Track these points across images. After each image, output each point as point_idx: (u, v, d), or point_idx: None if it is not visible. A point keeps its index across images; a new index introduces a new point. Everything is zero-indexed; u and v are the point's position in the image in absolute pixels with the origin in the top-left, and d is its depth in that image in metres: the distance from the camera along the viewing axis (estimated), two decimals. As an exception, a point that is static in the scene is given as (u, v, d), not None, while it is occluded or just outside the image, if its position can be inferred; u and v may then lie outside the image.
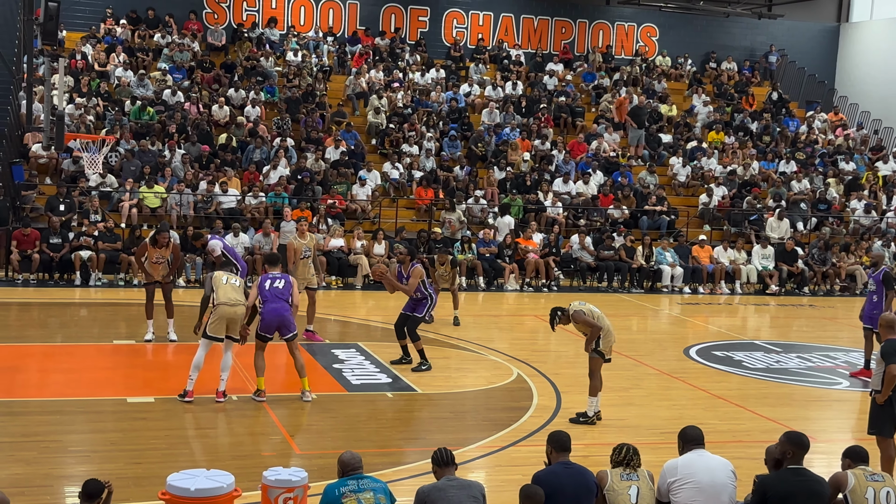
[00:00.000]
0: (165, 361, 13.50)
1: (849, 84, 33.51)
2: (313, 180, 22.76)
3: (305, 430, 10.63)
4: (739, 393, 12.93)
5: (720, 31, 32.92)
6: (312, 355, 13.85)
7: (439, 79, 28.61)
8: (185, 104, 24.80)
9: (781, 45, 33.20)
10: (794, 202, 25.68)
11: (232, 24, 28.90)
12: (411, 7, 30.64)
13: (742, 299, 22.14)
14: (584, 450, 9.46)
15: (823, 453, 10.34)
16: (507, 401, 12.13)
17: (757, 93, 31.55)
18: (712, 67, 32.33)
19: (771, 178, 26.67)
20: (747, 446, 10.15)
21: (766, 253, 23.00)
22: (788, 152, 28.05)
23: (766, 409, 12.11)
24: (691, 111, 29.56)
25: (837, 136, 29.93)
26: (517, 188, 24.19)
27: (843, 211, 25.94)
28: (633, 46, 32.41)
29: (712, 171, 26.52)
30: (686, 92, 30.95)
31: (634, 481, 6.49)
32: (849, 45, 33.93)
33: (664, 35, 32.58)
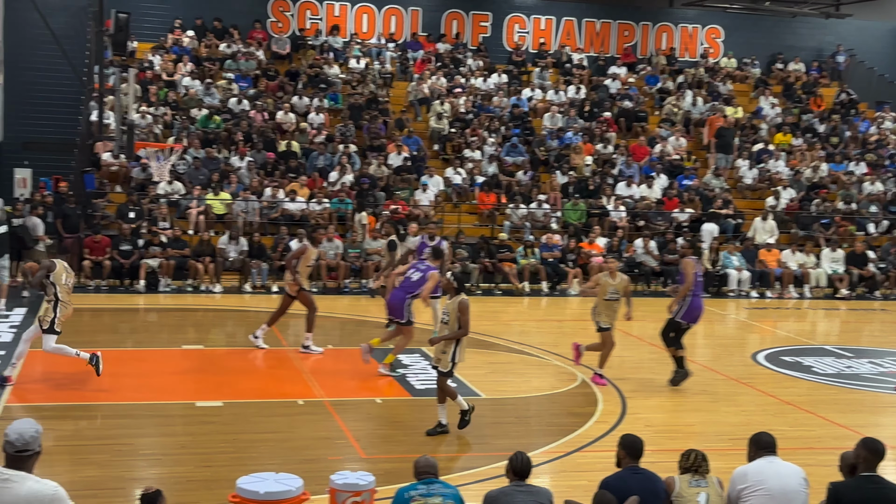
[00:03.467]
0: (233, 366, 13.67)
1: (920, 83, 32.74)
2: (376, 186, 22.90)
3: (370, 434, 10.69)
4: (809, 399, 12.70)
5: (787, 31, 32.40)
6: (377, 360, 13.92)
7: (501, 84, 28.60)
8: (251, 112, 25.13)
9: (850, 44, 32.56)
10: (865, 204, 25.16)
11: (296, 32, 29.21)
12: (473, 12, 30.67)
13: (811, 303, 21.75)
14: (652, 455, 9.34)
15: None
16: (571, 406, 12.08)
17: (825, 94, 30.99)
18: (779, 68, 31.83)
19: (840, 180, 26.17)
20: (818, 453, 9.97)
21: (836, 256, 22.56)
22: (858, 154, 27.50)
23: (838, 415, 11.88)
24: (758, 113, 29.13)
25: (909, 137, 29.26)
26: (580, 192, 24.07)
27: (915, 213, 25.34)
28: (697, 48, 32.06)
29: (780, 174, 26.10)
30: (752, 94, 30.51)
31: (703, 488, 6.40)
32: (920, 44, 33.15)
33: (729, 36, 32.16)
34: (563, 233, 22.47)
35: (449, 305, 10.37)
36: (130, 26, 17.77)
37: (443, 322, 10.40)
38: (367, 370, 13.51)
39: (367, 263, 20.55)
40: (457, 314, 10.21)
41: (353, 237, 21.05)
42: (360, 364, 13.77)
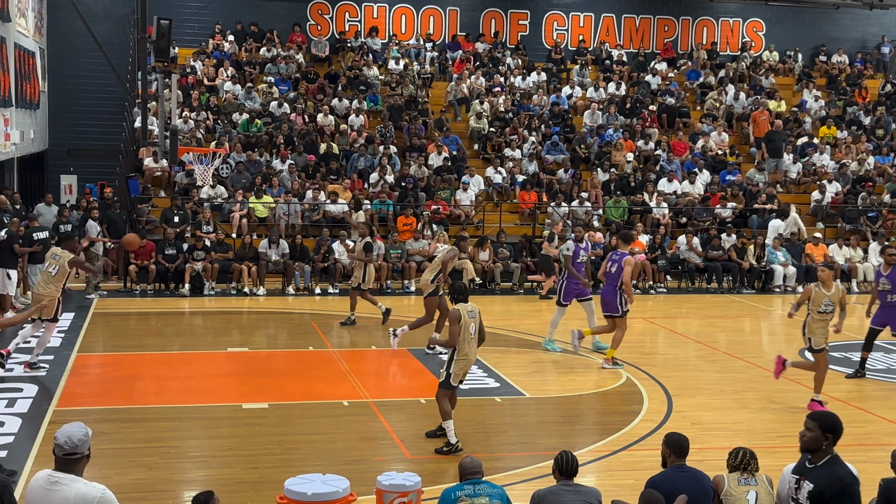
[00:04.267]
0: (278, 368, 13.76)
1: (968, 73, 32.17)
2: (417, 186, 22.94)
3: (415, 435, 10.69)
4: (859, 395, 12.52)
5: (829, 23, 31.98)
6: (421, 361, 13.95)
7: (540, 82, 28.52)
8: (291, 115, 25.29)
9: (894, 35, 32.06)
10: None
11: (335, 34, 29.36)
12: (511, 11, 30.63)
13: (859, 298, 21.40)
14: (699, 454, 9.27)
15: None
16: (616, 405, 12.01)
17: (870, 85, 30.53)
18: (822, 61, 31.42)
19: (886, 172, 25.78)
20: (869, 450, 9.82)
21: (874, 248, 22.20)
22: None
23: (888, 411, 11.70)
24: (802, 106, 28.78)
25: (957, 128, 28.76)
26: (621, 189, 23.94)
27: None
28: (738, 42, 31.74)
29: (825, 167, 25.77)
30: (795, 87, 30.15)
31: (752, 486, 6.33)
32: (967, 33, 32.57)
33: (771, 29, 31.82)
34: (605, 231, 22.36)
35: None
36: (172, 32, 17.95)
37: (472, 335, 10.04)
38: (412, 369, 13.56)
39: (409, 264, 20.59)
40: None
41: (394, 238, 21.09)
42: (405, 364, 13.83)
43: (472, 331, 9.96)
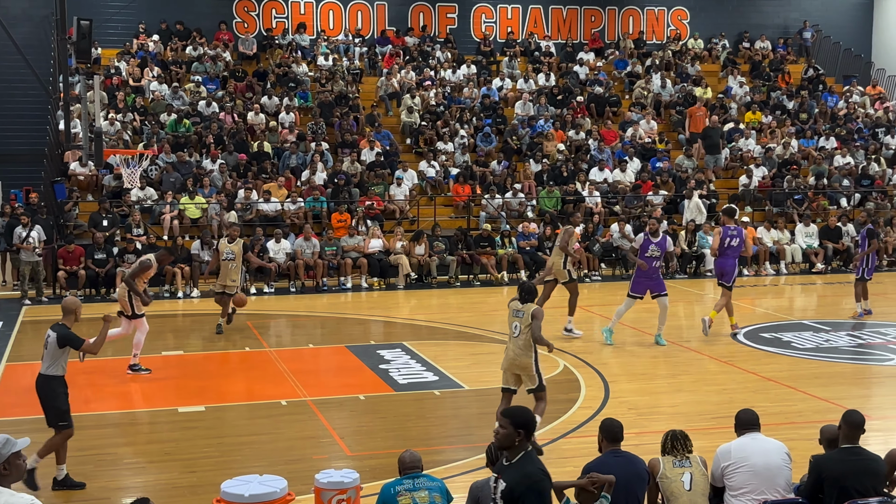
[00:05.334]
0: (214, 370, 13.62)
1: (886, 56, 32.97)
2: (350, 183, 22.86)
3: (355, 431, 10.67)
4: (790, 374, 12.79)
5: (752, 10, 32.55)
6: (357, 356, 13.92)
7: (471, 74, 28.59)
8: (221, 114, 25.00)
9: (815, 20, 32.75)
10: (837, 178, 25.34)
11: (262, 31, 29.08)
12: (439, 4, 30.62)
13: (788, 279, 21.90)
14: (636, 438, 9.40)
15: (879, 430, 10.22)
16: (554, 393, 12.04)
17: (793, 70, 31.16)
18: (746, 47, 31.98)
19: (811, 155, 26.34)
20: (800, 427, 10.05)
21: (810, 231, 22.73)
22: (828, 129, 27.69)
23: (818, 389, 11.97)
24: (727, 92, 29.26)
25: (877, 110, 29.49)
26: (554, 179, 24.11)
27: (886, 185, 25.54)
28: (664, 31, 32.16)
29: (751, 152, 26.24)
30: (720, 73, 30.64)
31: (687, 468, 6.44)
32: (884, 17, 33.38)
33: (695, 17, 32.27)
34: (538, 221, 22.51)
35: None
36: (94, 33, 17.60)
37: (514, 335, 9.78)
38: (350, 366, 13.51)
39: (345, 261, 20.50)
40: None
41: (329, 235, 20.99)
42: (343, 362, 13.79)
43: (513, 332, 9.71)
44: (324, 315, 17.77)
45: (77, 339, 8.76)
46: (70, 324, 8.88)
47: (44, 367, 8.83)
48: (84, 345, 8.84)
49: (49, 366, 8.79)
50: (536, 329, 9.45)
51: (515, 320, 9.64)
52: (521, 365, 9.67)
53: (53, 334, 8.78)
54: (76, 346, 8.77)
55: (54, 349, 8.75)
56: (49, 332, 8.88)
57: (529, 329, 9.48)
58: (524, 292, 9.71)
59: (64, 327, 8.83)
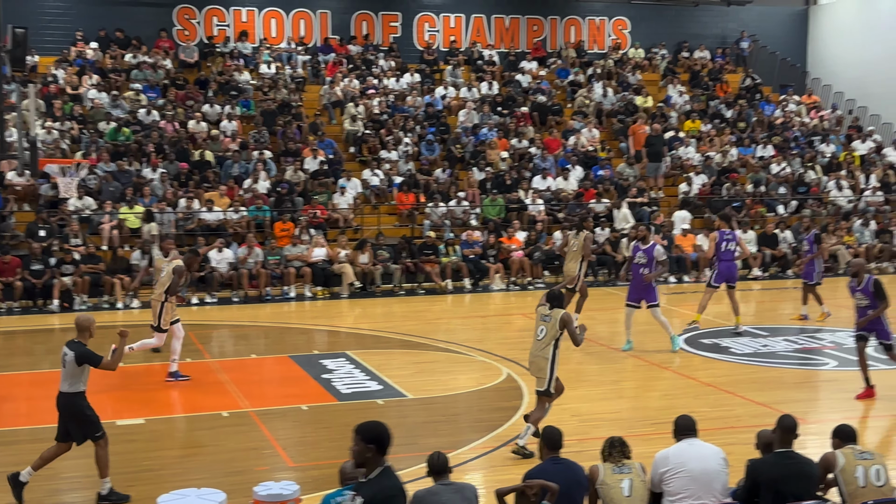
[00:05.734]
0: (155, 381, 13.43)
1: (821, 66, 33.71)
2: (293, 191, 22.73)
3: (298, 442, 10.61)
4: (728, 379, 12.97)
5: (691, 20, 33.04)
6: (301, 366, 13.84)
7: (414, 83, 28.63)
8: (161, 122, 24.73)
9: (752, 30, 33.35)
10: (774, 186, 25.80)
11: (203, 39, 28.84)
12: (382, 13, 30.63)
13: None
14: (578, 445, 9.47)
15: (815, 434, 10.40)
16: (498, 401, 12.15)
17: (731, 79, 31.68)
18: (685, 57, 32.45)
19: (749, 163, 26.78)
20: (738, 432, 10.20)
21: (748, 238, 23.07)
22: (765, 137, 28.18)
23: (756, 393, 12.16)
24: (667, 101, 29.65)
25: (812, 119, 30.10)
26: (497, 188, 24.22)
27: (821, 193, 26.06)
28: (605, 40, 32.50)
29: (691, 160, 26.61)
30: (660, 83, 31.05)
31: (626, 474, 6.50)
32: (818, 27, 34.13)
33: (636, 27, 32.67)
34: (482, 229, 22.60)
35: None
36: (31, 41, 17.32)
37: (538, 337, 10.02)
38: (293, 376, 13.42)
39: (288, 270, 20.38)
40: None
41: (272, 244, 20.86)
42: (286, 372, 13.71)
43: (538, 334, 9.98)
44: (267, 325, 17.65)
45: (95, 356, 8.64)
46: (85, 340, 8.75)
47: (65, 386, 8.72)
48: (102, 363, 8.72)
49: (70, 384, 8.68)
50: (573, 334, 9.84)
51: (542, 324, 9.92)
52: (539, 366, 9.96)
53: (71, 353, 8.66)
54: (95, 363, 8.67)
55: (73, 367, 8.64)
56: (65, 349, 8.74)
57: (554, 334, 9.81)
58: (552, 299, 10.00)
59: (80, 345, 8.70)
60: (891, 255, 23.68)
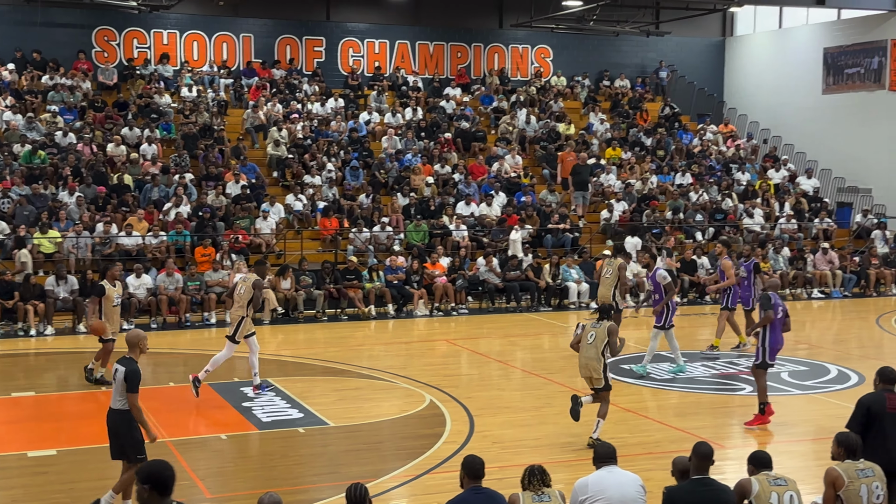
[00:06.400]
0: (68, 411, 13.10)
1: (737, 96, 34.59)
2: (215, 216, 22.46)
3: (216, 472, 10.42)
4: (648, 405, 13.13)
5: (611, 49, 33.64)
6: (220, 395, 13.61)
7: (338, 108, 28.59)
8: (78, 145, 24.25)
9: (671, 60, 34.09)
10: (692, 213, 26.30)
11: (123, 61, 28.42)
12: (306, 38, 30.58)
13: (647, 311, 22.47)
14: (500, 472, 9.48)
15: (733, 459, 10.58)
16: (420, 428, 12.10)
17: (650, 108, 32.30)
18: (606, 85, 33.01)
19: (668, 190, 27.28)
20: (657, 457, 10.31)
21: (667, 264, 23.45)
22: (683, 165, 28.76)
23: (675, 419, 12.33)
24: (589, 129, 30.09)
25: (729, 147, 30.81)
26: (421, 213, 24.27)
27: (738, 220, 26.65)
28: (528, 68, 32.90)
29: (612, 187, 27.01)
30: (582, 110, 31.51)
31: (546, 502, 6.51)
32: (735, 59, 35.04)
33: (558, 56, 33.15)
34: (406, 254, 22.59)
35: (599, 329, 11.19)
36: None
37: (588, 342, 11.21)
38: (213, 405, 13.19)
39: (209, 296, 20.09)
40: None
41: (192, 270, 20.54)
42: (205, 400, 13.46)
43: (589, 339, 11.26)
44: (186, 352, 17.35)
45: (134, 384, 8.53)
46: (136, 357, 8.72)
47: (116, 403, 8.70)
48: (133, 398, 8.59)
49: (121, 402, 8.63)
50: (614, 345, 11.16)
51: (593, 331, 11.23)
52: (592, 367, 11.22)
53: (122, 370, 8.61)
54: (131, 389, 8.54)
55: (122, 385, 8.59)
56: (116, 365, 8.70)
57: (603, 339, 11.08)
58: (602, 311, 11.47)
59: (131, 362, 8.67)
60: (804, 281, 24.30)
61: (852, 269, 24.80)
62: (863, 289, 24.67)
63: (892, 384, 7.97)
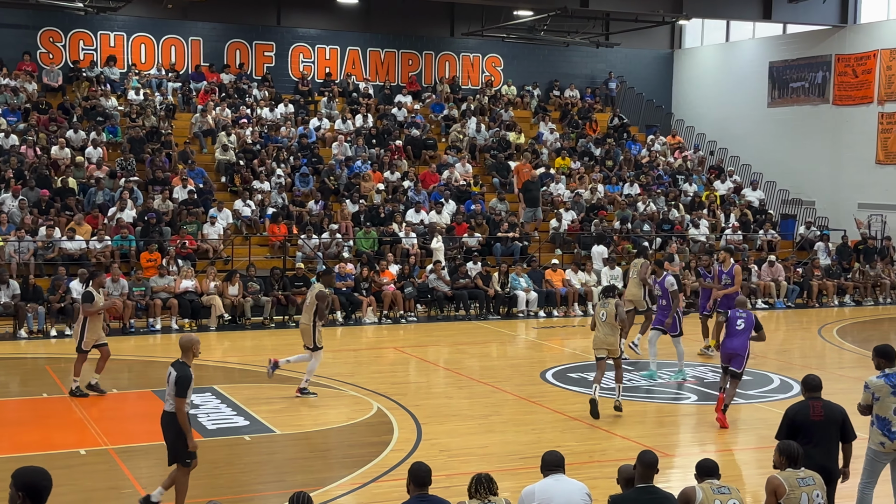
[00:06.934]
0: (7, 418, 12.83)
1: (684, 108, 35.03)
2: (161, 221, 22.19)
3: (159, 481, 10.24)
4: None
5: (561, 60, 33.88)
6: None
7: (288, 113, 28.43)
8: (22, 148, 23.83)
9: (620, 71, 34.42)
10: (639, 223, 26.54)
11: (69, 63, 28.01)
12: (256, 42, 30.38)
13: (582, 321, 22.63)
14: (447, 480, 9.47)
15: (678, 467, 10.69)
16: (368, 436, 12.05)
17: (600, 119, 32.57)
18: (556, 95, 33.23)
19: (616, 200, 27.51)
20: (603, 466, 10.37)
21: (615, 273, 23.65)
22: (632, 175, 29.03)
23: (621, 427, 12.41)
24: (539, 138, 30.26)
25: (676, 159, 31.17)
26: (371, 220, 24.20)
27: (684, 230, 26.95)
28: (479, 77, 33.01)
29: (561, 197, 27.17)
30: (532, 120, 31.67)
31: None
32: (683, 71, 35.49)
33: (508, 65, 33.31)
34: (355, 261, 22.51)
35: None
36: None
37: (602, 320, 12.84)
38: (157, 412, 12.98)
39: (154, 301, 19.83)
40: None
41: (137, 275, 20.27)
42: (149, 407, 13.26)
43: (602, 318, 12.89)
44: (130, 358, 17.09)
45: (184, 388, 8.61)
46: (189, 361, 8.79)
47: (168, 405, 8.78)
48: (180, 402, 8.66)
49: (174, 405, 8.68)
50: (622, 314, 13.05)
51: (603, 310, 12.91)
52: (609, 342, 12.85)
53: (174, 373, 8.68)
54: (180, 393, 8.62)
55: (173, 388, 8.67)
56: (170, 369, 8.78)
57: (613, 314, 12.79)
58: (607, 292, 13.26)
59: (184, 366, 8.74)
60: (749, 291, 24.61)
61: (795, 280, 25.20)
62: (805, 300, 25.08)
63: (816, 391, 8.11)
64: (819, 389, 8.14)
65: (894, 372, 8.26)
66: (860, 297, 25.59)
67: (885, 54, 28.45)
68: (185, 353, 8.82)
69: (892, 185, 28.27)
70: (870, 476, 8.38)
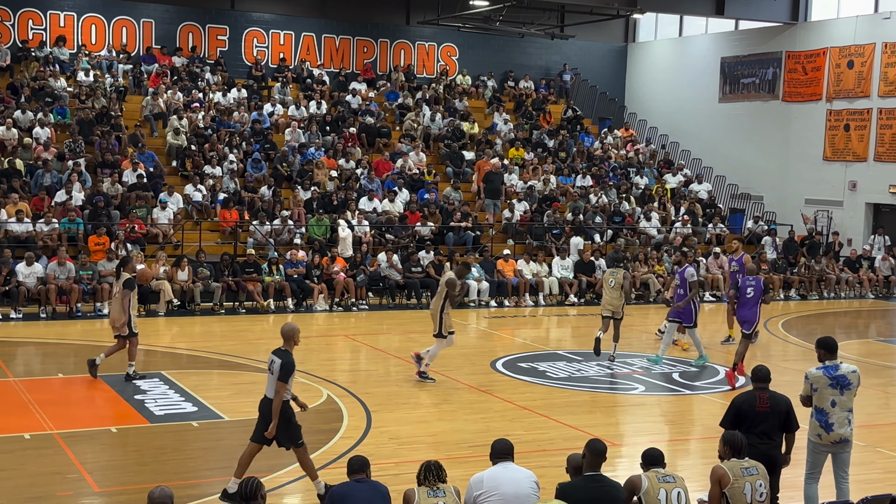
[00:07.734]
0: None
1: (637, 101, 35.31)
2: (110, 204, 21.90)
3: (105, 466, 10.17)
4: (544, 403, 13.30)
5: (516, 51, 33.95)
6: (112, 387, 13.30)
7: (241, 98, 28.18)
8: (-33, 127, 23.38)
9: (574, 64, 34.59)
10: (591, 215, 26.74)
11: (17, 43, 27.50)
12: (209, 25, 30.06)
13: (545, 311, 22.82)
14: (395, 468, 9.51)
15: (625, 457, 10.82)
16: (317, 423, 12.00)
17: (553, 110, 32.72)
18: (511, 86, 33.31)
19: (569, 192, 27.68)
20: (551, 454, 10.46)
21: (566, 264, 23.83)
22: (584, 167, 29.22)
23: (569, 417, 12.52)
24: (492, 129, 30.32)
25: (629, 151, 31.43)
26: (323, 207, 24.10)
27: (635, 223, 27.21)
28: (434, 66, 32.98)
29: (514, 187, 27.27)
30: (487, 110, 31.73)
31: (441, 497, 6.55)
32: (636, 64, 35.76)
33: (464, 55, 33.32)
34: (307, 248, 22.41)
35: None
36: None
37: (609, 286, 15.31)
38: (104, 398, 12.88)
39: (101, 286, 19.58)
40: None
41: (84, 259, 20.00)
42: (96, 392, 13.15)
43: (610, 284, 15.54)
44: (77, 343, 16.88)
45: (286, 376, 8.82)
46: (290, 349, 8.99)
47: (271, 392, 8.93)
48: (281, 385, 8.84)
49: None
50: (627, 287, 15.74)
51: (611, 278, 15.62)
52: (615, 305, 15.55)
53: (278, 361, 8.87)
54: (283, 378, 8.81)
55: (277, 374, 8.85)
56: (272, 357, 8.99)
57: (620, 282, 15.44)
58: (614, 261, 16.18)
59: (287, 353, 8.93)
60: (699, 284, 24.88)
61: (743, 273, 25.52)
62: (752, 293, 25.41)
63: (764, 382, 8.26)
64: (767, 381, 8.29)
65: (833, 364, 8.40)
66: (805, 291, 26.02)
67: (834, 52, 28.91)
68: (286, 342, 9.01)
69: (839, 182, 28.79)
70: (812, 468, 8.53)
